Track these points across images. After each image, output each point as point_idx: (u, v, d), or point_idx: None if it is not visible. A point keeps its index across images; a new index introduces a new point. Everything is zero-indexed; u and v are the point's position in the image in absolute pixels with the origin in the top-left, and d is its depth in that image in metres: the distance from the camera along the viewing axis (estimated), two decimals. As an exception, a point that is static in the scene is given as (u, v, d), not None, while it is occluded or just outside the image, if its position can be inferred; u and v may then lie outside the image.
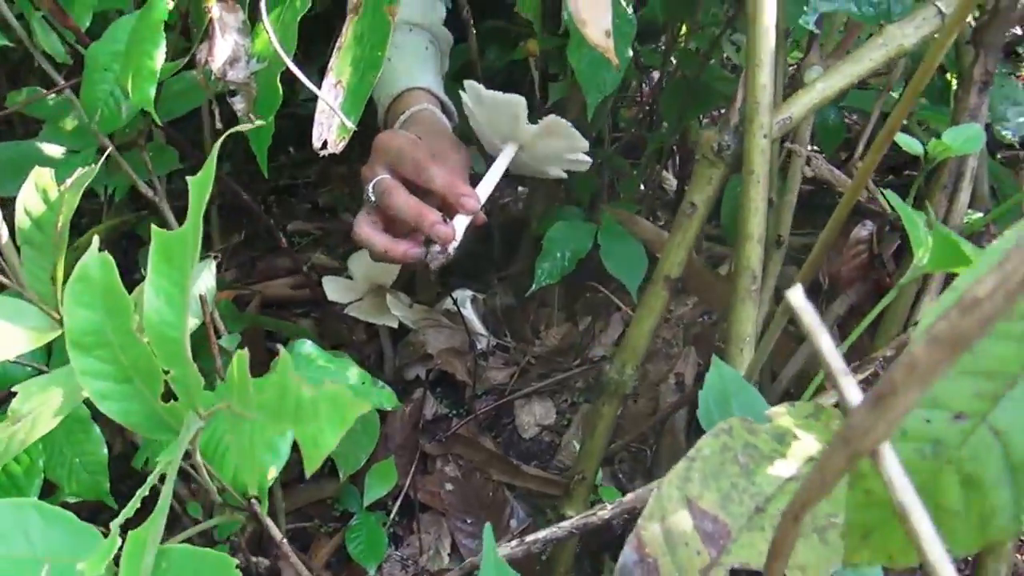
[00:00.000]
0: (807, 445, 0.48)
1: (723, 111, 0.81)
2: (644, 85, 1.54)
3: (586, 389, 1.32)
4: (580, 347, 1.38)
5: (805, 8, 0.76)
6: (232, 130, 0.54)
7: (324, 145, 0.77)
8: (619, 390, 0.82)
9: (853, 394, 0.22)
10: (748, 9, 0.67)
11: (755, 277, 0.67)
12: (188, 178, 0.50)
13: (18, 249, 0.66)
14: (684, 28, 1.28)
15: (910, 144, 0.68)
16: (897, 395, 0.20)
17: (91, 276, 0.54)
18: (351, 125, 0.75)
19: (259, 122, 0.67)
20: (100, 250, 0.54)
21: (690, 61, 1.20)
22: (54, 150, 0.97)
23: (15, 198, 0.64)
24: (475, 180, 1.01)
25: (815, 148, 1.27)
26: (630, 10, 0.98)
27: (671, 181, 1.64)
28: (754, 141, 0.66)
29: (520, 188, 1.74)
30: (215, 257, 1.52)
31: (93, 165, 0.63)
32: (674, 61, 1.26)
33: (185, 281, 0.52)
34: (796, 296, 0.23)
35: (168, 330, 0.53)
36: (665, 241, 0.76)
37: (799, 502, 0.24)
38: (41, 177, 0.64)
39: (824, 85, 0.69)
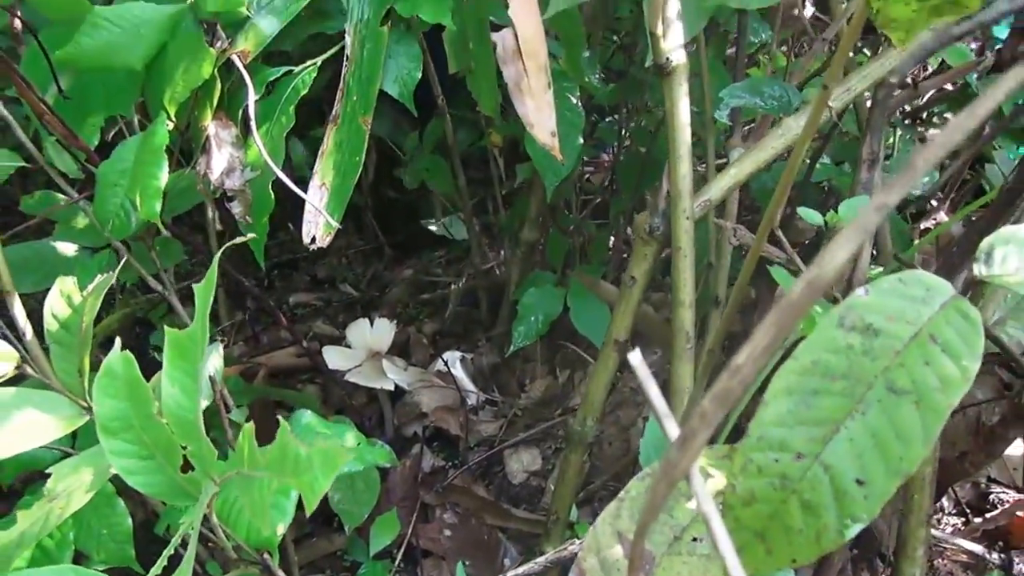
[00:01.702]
0: (717, 482, 0.56)
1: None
2: (607, 155, 1.64)
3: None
4: (561, 398, 1.46)
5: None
6: (231, 243, 0.62)
7: (313, 240, 0.86)
8: (582, 440, 0.90)
9: (673, 433, 0.30)
10: (667, 109, 0.76)
11: (689, 337, 0.75)
12: (194, 286, 0.58)
13: (45, 349, 0.74)
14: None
15: (811, 216, 0.76)
16: (696, 436, 0.28)
17: (116, 371, 0.63)
18: (335, 224, 0.84)
19: (251, 235, 0.76)
20: (117, 332, 0.63)
21: (642, 137, 1.30)
22: (67, 248, 1.06)
23: (33, 294, 0.72)
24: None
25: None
26: (578, 104, 1.08)
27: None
28: (679, 222, 0.75)
29: (503, 253, 1.83)
30: (221, 339, 1.61)
31: (111, 272, 0.71)
32: (628, 137, 1.36)
33: (196, 372, 0.61)
34: (634, 358, 0.31)
35: (183, 413, 0.61)
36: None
37: (643, 522, 0.32)
38: (65, 284, 0.73)
39: (736, 171, 0.78)
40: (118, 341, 0.64)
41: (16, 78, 0.81)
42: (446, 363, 1.52)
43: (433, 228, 2.05)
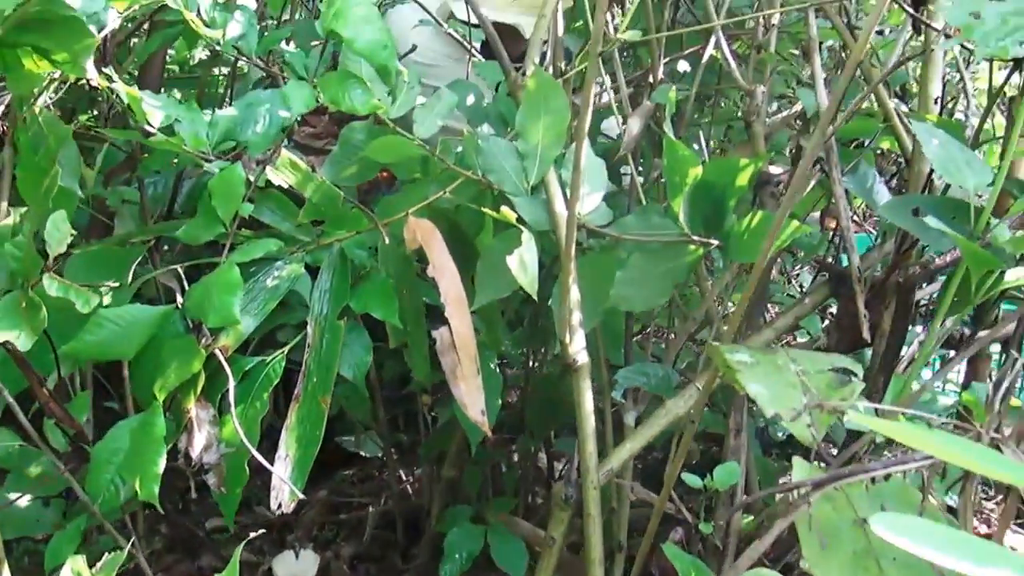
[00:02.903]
0: None
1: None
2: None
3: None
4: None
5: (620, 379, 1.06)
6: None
7: (280, 505, 0.99)
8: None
9: None
10: (575, 399, 0.95)
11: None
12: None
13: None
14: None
15: (692, 480, 0.95)
16: None
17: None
18: (299, 494, 0.97)
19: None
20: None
21: (546, 385, 1.49)
22: (22, 501, 1.14)
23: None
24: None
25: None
26: (496, 367, 1.26)
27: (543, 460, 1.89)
28: (589, 492, 0.92)
29: (417, 472, 1.96)
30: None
31: (122, 550, 0.82)
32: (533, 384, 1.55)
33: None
34: None
35: None
36: (539, 537, 0.99)
37: None
38: (76, 563, 0.83)
39: (631, 444, 0.96)
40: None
41: (29, 374, 0.94)
42: (369, 592, 1.60)
43: (349, 446, 2.14)
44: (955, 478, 0.91)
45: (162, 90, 1.88)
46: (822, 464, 0.60)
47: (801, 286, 1.99)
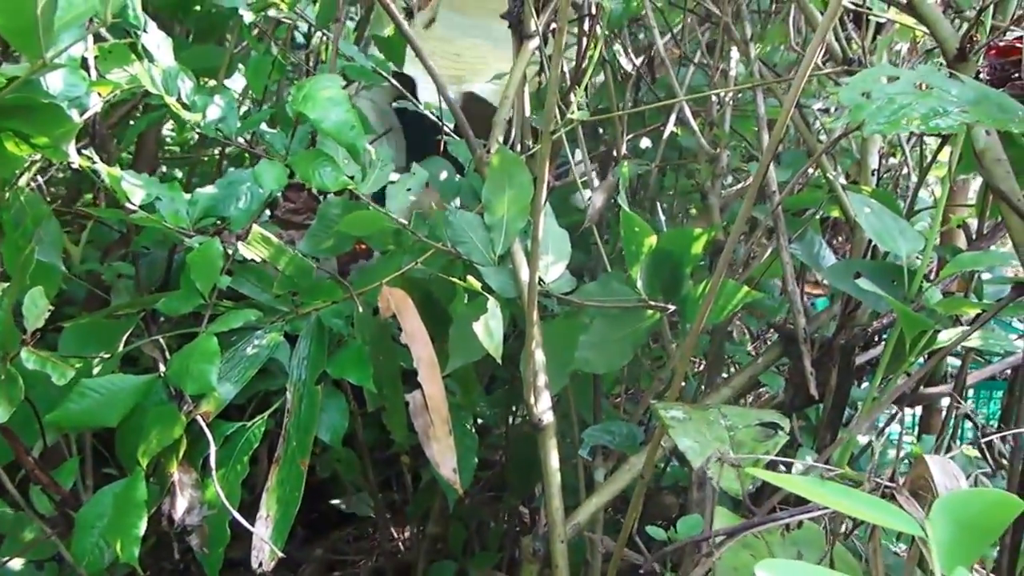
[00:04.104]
0: None
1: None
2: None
3: None
4: None
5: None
6: None
7: (260, 564, 1.00)
8: None
9: None
10: (541, 458, 0.97)
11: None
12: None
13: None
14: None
15: (656, 532, 0.96)
16: None
17: None
18: (279, 553, 0.98)
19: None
20: None
21: (525, 444, 1.50)
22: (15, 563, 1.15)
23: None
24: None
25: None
26: (472, 428, 1.28)
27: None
28: (556, 545, 0.93)
29: (407, 530, 1.96)
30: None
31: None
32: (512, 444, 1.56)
33: None
34: None
35: None
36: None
37: None
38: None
39: (596, 499, 0.98)
40: None
41: (14, 443, 0.96)
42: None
43: (343, 507, 2.15)
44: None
45: (163, 169, 1.95)
46: (746, 514, 0.62)
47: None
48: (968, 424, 1.65)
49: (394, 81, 1.38)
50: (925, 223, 1.15)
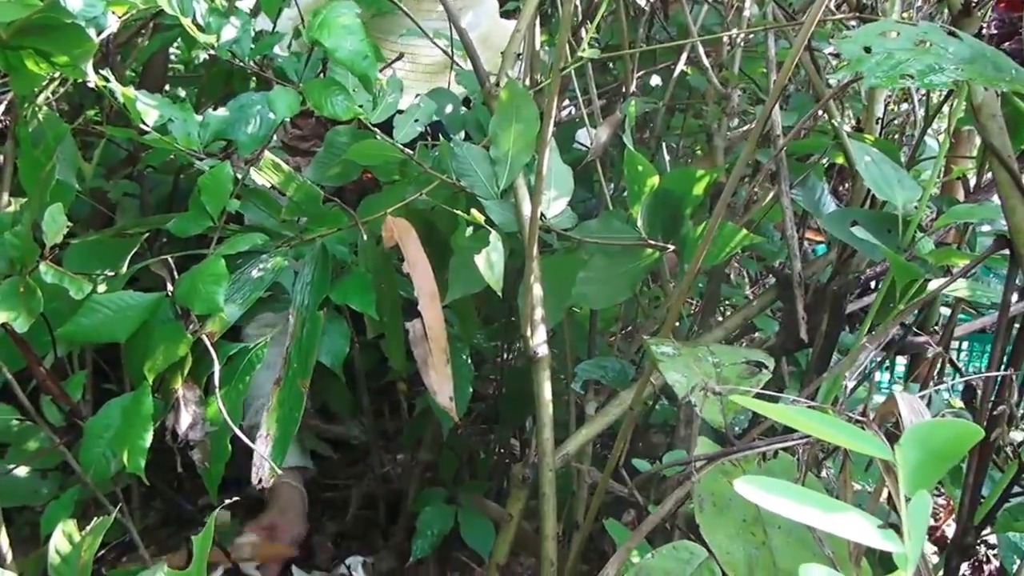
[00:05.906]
0: None
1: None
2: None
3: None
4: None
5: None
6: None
7: (260, 481, 1.05)
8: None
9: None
10: (535, 389, 1.01)
11: (552, 563, 0.96)
12: (192, 537, 0.76)
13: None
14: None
15: (641, 464, 1.01)
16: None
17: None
18: (278, 471, 1.03)
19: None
20: None
21: (519, 377, 1.55)
22: (21, 471, 1.20)
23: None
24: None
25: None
26: (468, 359, 1.32)
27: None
28: (544, 474, 0.98)
29: (399, 457, 2.02)
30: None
31: (107, 516, 0.88)
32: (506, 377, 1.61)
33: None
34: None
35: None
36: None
37: None
38: (68, 525, 0.89)
39: (586, 431, 1.03)
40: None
41: (28, 354, 1.00)
42: (348, 568, 1.66)
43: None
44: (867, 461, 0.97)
45: (167, 87, 1.95)
46: (728, 445, 0.66)
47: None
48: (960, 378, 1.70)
49: (403, 7, 1.38)
50: (929, 173, 1.17)
